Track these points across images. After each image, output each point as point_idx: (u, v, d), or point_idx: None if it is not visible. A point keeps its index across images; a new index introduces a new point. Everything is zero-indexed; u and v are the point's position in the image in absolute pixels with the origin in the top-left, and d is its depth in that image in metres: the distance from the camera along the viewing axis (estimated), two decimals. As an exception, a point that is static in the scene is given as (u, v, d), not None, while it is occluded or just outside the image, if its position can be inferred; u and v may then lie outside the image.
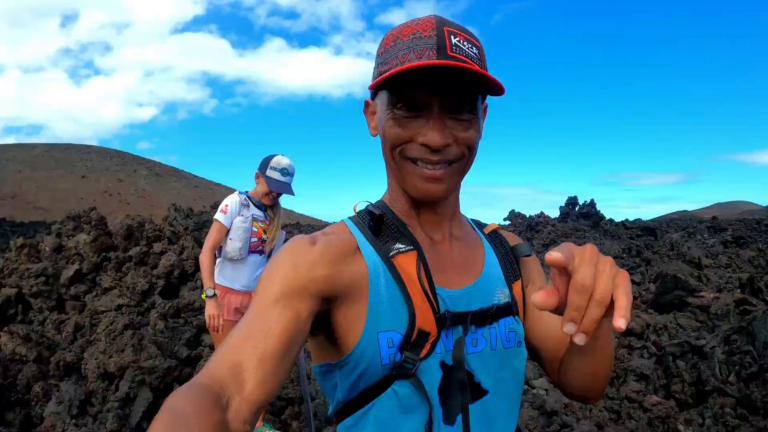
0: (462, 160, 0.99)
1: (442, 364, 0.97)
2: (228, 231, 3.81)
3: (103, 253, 7.93)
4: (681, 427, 3.97)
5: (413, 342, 0.94)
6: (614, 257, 11.76)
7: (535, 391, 4.98)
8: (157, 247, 8.15)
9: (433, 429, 0.94)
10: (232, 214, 3.80)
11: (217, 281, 3.85)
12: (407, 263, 0.98)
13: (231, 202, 3.84)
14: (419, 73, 0.88)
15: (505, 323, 1.05)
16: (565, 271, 0.72)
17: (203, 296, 3.79)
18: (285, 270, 0.93)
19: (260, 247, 3.95)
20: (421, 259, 0.99)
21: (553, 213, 18.74)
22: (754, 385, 4.27)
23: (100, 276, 7.44)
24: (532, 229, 14.96)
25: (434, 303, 0.96)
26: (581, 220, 16.26)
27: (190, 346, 5.61)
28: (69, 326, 6.14)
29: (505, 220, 17.06)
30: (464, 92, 0.94)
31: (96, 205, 9.39)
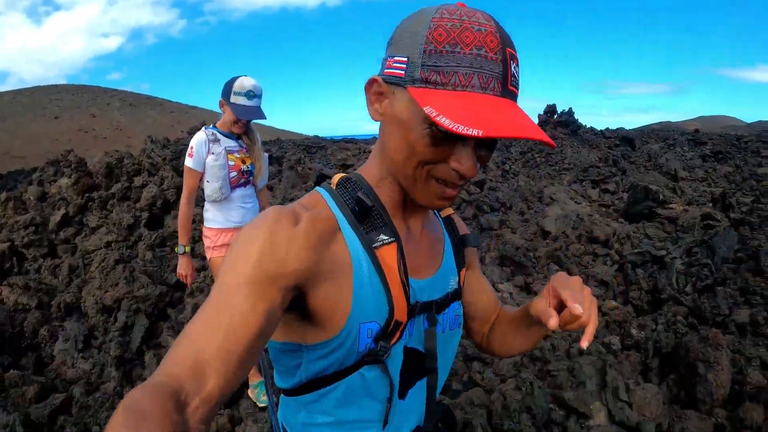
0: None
1: (405, 348, 1.03)
2: (202, 174, 3.54)
3: (87, 194, 8.10)
4: (634, 331, 4.19)
5: (389, 332, 0.98)
6: (590, 166, 11.92)
7: (500, 294, 5.18)
8: (137, 180, 8.30)
9: (391, 407, 1.03)
10: (201, 155, 3.49)
11: (207, 227, 3.69)
12: (388, 255, 0.98)
13: (196, 142, 3.50)
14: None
15: (453, 308, 1.14)
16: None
17: (176, 250, 3.59)
18: (262, 252, 0.84)
19: (243, 180, 3.67)
20: (400, 251, 0.98)
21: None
22: (706, 297, 4.49)
23: (86, 217, 7.66)
24: (510, 135, 14.94)
25: (408, 295, 0.99)
26: (559, 129, 16.22)
27: None
28: (64, 269, 6.42)
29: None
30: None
31: (72, 145, 9.31)
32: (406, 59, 0.87)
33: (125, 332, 4.85)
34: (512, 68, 0.86)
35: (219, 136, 3.56)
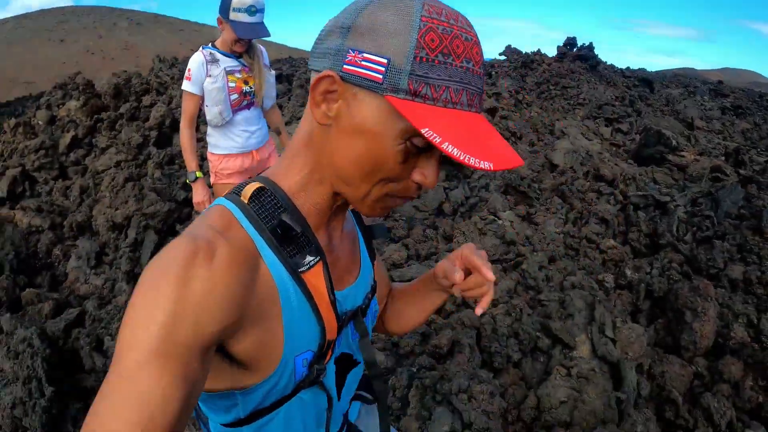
0: None
1: (336, 359, 1.02)
2: (202, 98, 3.33)
3: (95, 115, 8.19)
4: (628, 272, 4.26)
5: (322, 354, 0.94)
6: (605, 104, 11.73)
7: (501, 222, 5.22)
8: (146, 100, 8.36)
9: (331, 415, 1.02)
10: (199, 78, 3.26)
11: (212, 152, 3.55)
12: (315, 276, 0.89)
13: (193, 64, 3.26)
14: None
15: (372, 305, 1.12)
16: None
17: (187, 181, 3.38)
18: (172, 315, 0.68)
19: (245, 101, 3.46)
20: (326, 269, 0.91)
21: (550, 51, 18.14)
22: (704, 248, 4.53)
23: (95, 138, 7.79)
24: (526, 67, 14.51)
25: (336, 311, 0.94)
26: (578, 62, 15.83)
27: (185, 189, 6.14)
28: (75, 190, 6.64)
29: (500, 55, 16.46)
30: None
31: (80, 67, 9.31)
32: (386, 61, 0.74)
33: (135, 248, 5.10)
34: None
35: (218, 55, 3.32)
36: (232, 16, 3.14)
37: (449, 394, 2.86)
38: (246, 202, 0.86)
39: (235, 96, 3.38)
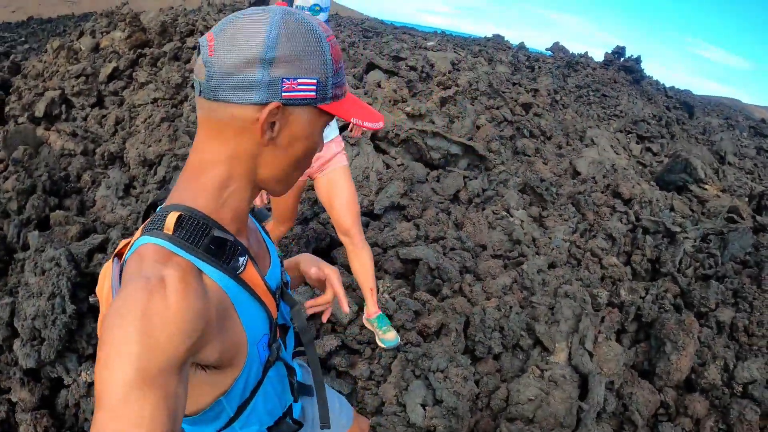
0: None
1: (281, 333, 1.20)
2: None
3: (138, 50, 8.39)
4: (623, 292, 4.41)
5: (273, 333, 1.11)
6: (641, 120, 11.70)
7: (512, 219, 5.38)
8: (190, 42, 8.47)
9: (294, 382, 1.25)
10: None
11: None
12: (250, 273, 1.03)
13: None
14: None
15: (285, 276, 1.30)
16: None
17: None
18: (141, 346, 0.75)
19: None
20: (255, 264, 1.06)
21: (598, 54, 17.97)
22: (700, 285, 4.68)
23: (136, 72, 7.92)
24: (570, 67, 14.45)
25: (272, 294, 1.10)
26: (622, 72, 15.72)
27: None
28: (110, 120, 6.83)
29: (546, 50, 16.35)
30: None
31: None
32: (315, 81, 0.93)
33: (162, 186, 5.27)
34: None
35: None
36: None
37: (427, 371, 3.09)
38: (171, 233, 0.92)
39: None
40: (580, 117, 10.92)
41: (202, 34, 8.60)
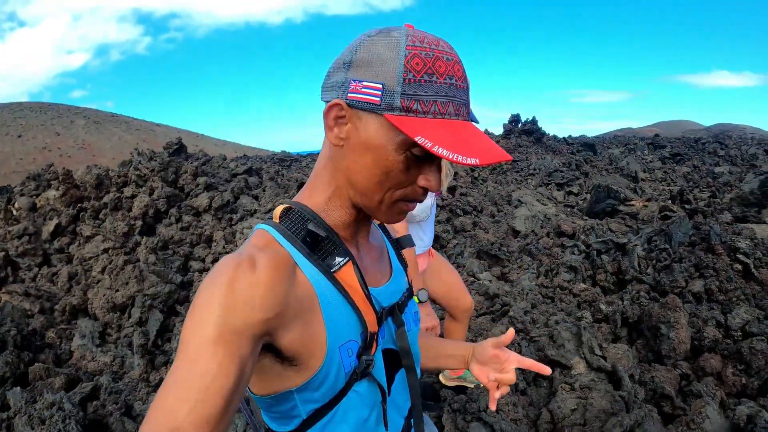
0: None
1: (383, 352, 1.15)
2: None
3: (78, 204, 8.80)
4: (603, 307, 4.88)
5: (367, 344, 1.07)
6: (555, 171, 12.80)
7: (480, 281, 5.87)
8: (127, 191, 8.95)
9: (387, 407, 1.15)
10: None
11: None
12: (347, 275, 1.04)
13: None
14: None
15: (411, 305, 1.29)
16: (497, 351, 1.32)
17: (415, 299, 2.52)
18: (224, 307, 0.85)
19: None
20: (357, 267, 1.06)
21: (497, 130, 19.60)
22: (665, 273, 5.25)
23: (79, 226, 8.25)
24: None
25: (374, 305, 1.09)
26: (524, 137, 17.22)
27: (181, 273, 6.70)
28: (62, 277, 6.98)
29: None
30: None
31: (37, 165, 9.90)
32: (380, 86, 0.92)
33: (140, 327, 5.37)
34: (468, 88, 1.00)
35: None
36: None
37: (478, 412, 3.41)
38: (277, 221, 1.04)
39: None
40: (500, 185, 11.88)
41: (136, 184, 9.03)
